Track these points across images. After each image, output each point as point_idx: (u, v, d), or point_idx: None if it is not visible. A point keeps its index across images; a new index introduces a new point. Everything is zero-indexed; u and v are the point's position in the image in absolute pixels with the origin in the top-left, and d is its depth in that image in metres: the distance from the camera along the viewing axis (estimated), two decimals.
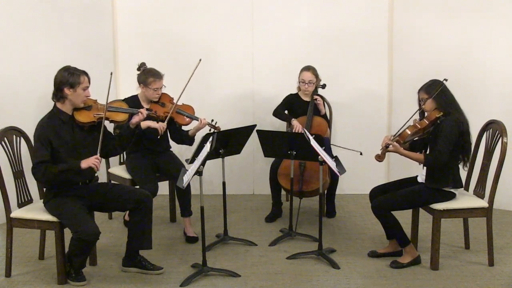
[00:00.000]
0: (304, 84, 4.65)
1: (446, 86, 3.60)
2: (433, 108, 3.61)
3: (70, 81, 3.35)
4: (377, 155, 3.65)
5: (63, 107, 3.42)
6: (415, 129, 3.60)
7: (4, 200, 3.49)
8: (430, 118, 3.59)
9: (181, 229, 4.40)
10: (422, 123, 3.61)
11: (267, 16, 5.35)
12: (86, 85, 3.43)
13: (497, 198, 3.68)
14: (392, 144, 3.61)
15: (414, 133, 3.62)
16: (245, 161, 5.46)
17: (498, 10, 4.82)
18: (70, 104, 3.42)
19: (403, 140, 3.63)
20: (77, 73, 3.39)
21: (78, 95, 3.39)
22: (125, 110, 3.69)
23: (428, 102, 3.60)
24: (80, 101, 3.42)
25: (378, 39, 5.33)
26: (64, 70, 3.40)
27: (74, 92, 3.37)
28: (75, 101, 3.41)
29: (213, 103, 5.33)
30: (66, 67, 3.43)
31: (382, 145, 3.65)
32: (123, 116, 3.64)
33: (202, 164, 3.41)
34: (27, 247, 4.11)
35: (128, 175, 4.29)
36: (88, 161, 3.32)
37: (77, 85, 3.37)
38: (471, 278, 3.54)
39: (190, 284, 3.48)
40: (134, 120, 3.66)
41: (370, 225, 4.54)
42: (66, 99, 3.39)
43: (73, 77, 3.36)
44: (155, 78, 4.19)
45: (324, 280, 3.54)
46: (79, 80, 3.37)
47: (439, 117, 3.57)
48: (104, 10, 5.32)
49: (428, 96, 3.60)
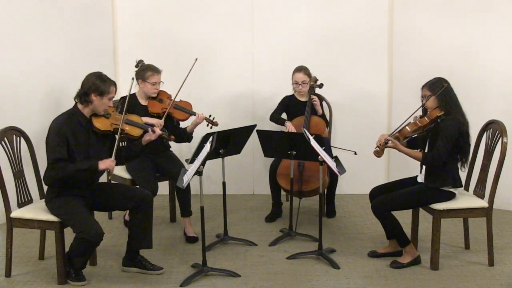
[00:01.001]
0: (298, 85, 4.65)
1: (450, 86, 3.60)
2: (434, 106, 3.61)
3: (101, 89, 3.36)
4: (375, 150, 3.66)
5: (84, 110, 3.43)
6: (415, 127, 3.60)
7: (4, 200, 3.49)
8: (431, 117, 3.59)
9: (181, 229, 4.40)
10: (423, 121, 3.61)
11: (267, 16, 5.35)
12: (113, 96, 3.45)
13: (497, 198, 3.68)
14: (391, 140, 3.61)
15: (414, 131, 3.63)
16: (245, 161, 5.46)
17: (498, 10, 4.82)
18: (91, 110, 3.43)
19: (402, 137, 3.64)
20: (108, 82, 3.40)
21: (103, 104, 3.41)
22: (141, 125, 3.69)
23: (431, 99, 3.60)
24: (102, 109, 3.44)
25: (378, 39, 5.33)
26: (97, 77, 3.39)
27: (101, 100, 3.38)
28: (98, 109, 3.42)
29: (213, 103, 5.33)
30: (99, 73, 3.43)
31: (377, 143, 3.66)
32: (138, 132, 3.65)
33: (202, 164, 3.41)
34: (27, 247, 4.11)
35: (128, 175, 4.30)
36: (106, 162, 3.36)
37: (105, 94, 3.39)
38: (471, 278, 3.54)
39: (190, 284, 3.48)
40: (147, 138, 3.65)
41: (370, 225, 4.55)
42: (90, 104, 3.40)
43: (104, 86, 3.37)
44: (153, 72, 4.20)
45: (324, 280, 3.54)
46: (109, 90, 3.40)
47: (440, 116, 3.57)
48: (104, 10, 5.32)
49: (431, 93, 3.60)
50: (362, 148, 4.53)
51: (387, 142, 3.62)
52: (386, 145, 3.63)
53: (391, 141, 3.61)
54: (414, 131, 3.62)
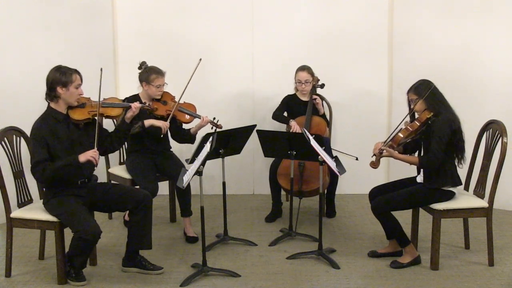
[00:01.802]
0: (301, 84, 4.65)
1: (434, 85, 3.61)
2: (423, 109, 3.61)
3: (63, 80, 3.35)
4: (371, 162, 3.65)
5: (57, 106, 3.43)
6: (407, 132, 3.61)
7: (4, 200, 3.49)
8: (421, 120, 3.60)
9: (181, 229, 4.40)
10: (414, 125, 3.61)
11: (267, 16, 5.35)
12: (79, 83, 3.43)
13: (497, 198, 3.68)
14: (385, 149, 3.61)
15: (407, 136, 3.63)
16: (245, 161, 5.46)
17: (498, 10, 4.82)
18: (64, 103, 3.42)
19: (396, 144, 3.64)
20: (69, 72, 3.39)
21: (71, 94, 3.39)
22: (118, 104, 3.66)
23: (419, 103, 3.61)
24: (74, 99, 3.42)
25: (378, 39, 5.33)
26: (56, 70, 3.40)
27: (67, 91, 3.37)
28: (69, 100, 3.41)
29: (213, 103, 5.33)
30: (58, 66, 3.43)
31: (373, 152, 3.65)
32: (117, 111, 3.62)
33: (202, 164, 3.41)
34: (27, 247, 4.11)
35: (128, 175, 4.30)
36: (86, 154, 3.33)
37: (69, 84, 3.37)
38: (471, 278, 3.54)
39: (190, 284, 3.48)
40: (129, 114, 3.63)
41: (370, 225, 4.55)
42: (59, 99, 3.40)
43: (65, 76, 3.36)
44: (157, 75, 4.20)
45: (324, 280, 3.54)
46: (71, 79, 3.37)
47: (429, 117, 3.58)
48: (104, 9, 5.32)
49: (417, 97, 3.61)
50: (362, 148, 4.53)
51: (381, 152, 3.62)
52: (381, 155, 3.63)
53: (385, 150, 3.61)
54: (407, 136, 3.63)
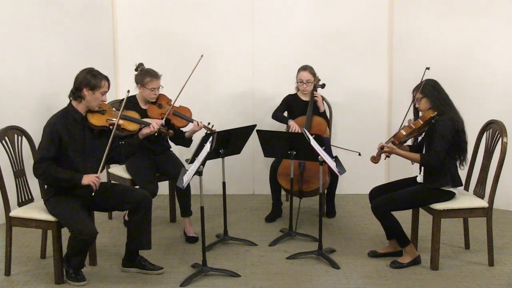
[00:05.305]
0: (303, 84, 4.65)
1: (440, 85, 3.62)
2: (427, 108, 3.62)
3: (92, 83, 3.38)
4: (372, 156, 3.69)
5: (78, 106, 3.44)
6: (410, 130, 3.62)
7: (4, 199, 3.49)
8: (424, 118, 3.60)
9: (181, 229, 4.40)
10: (417, 123, 3.62)
11: (267, 16, 5.35)
12: (105, 90, 3.46)
13: (497, 198, 3.68)
14: (386, 146, 3.62)
15: (409, 134, 3.64)
16: (245, 161, 5.46)
17: (498, 10, 4.81)
18: (86, 105, 3.45)
19: (398, 141, 3.65)
20: (99, 76, 3.42)
21: (95, 98, 3.42)
22: (138, 120, 3.69)
23: (423, 101, 3.61)
24: (96, 104, 3.44)
25: (378, 39, 5.33)
26: (87, 72, 3.43)
27: (93, 94, 3.40)
28: (91, 103, 3.43)
29: (213, 103, 5.33)
30: (90, 68, 3.46)
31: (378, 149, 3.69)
32: (135, 126, 3.64)
33: (202, 164, 3.41)
34: (27, 246, 4.11)
35: (128, 175, 4.29)
36: (89, 177, 3.35)
37: (97, 89, 3.40)
38: (471, 278, 3.54)
39: (190, 284, 3.48)
40: (144, 131, 3.66)
41: (370, 225, 4.54)
42: (82, 99, 3.42)
43: (95, 80, 3.39)
44: (151, 78, 4.18)
45: (324, 280, 3.54)
46: (100, 84, 3.41)
47: (433, 116, 3.58)
48: (104, 9, 5.32)
49: (422, 96, 3.61)
50: (362, 148, 4.52)
51: (383, 148, 3.64)
52: (382, 150, 3.64)
53: (386, 146, 3.62)
54: (409, 134, 3.64)
